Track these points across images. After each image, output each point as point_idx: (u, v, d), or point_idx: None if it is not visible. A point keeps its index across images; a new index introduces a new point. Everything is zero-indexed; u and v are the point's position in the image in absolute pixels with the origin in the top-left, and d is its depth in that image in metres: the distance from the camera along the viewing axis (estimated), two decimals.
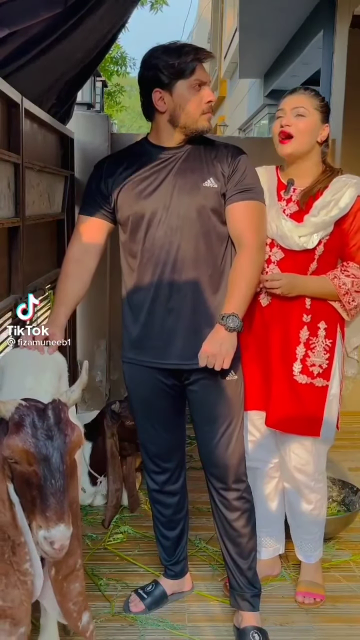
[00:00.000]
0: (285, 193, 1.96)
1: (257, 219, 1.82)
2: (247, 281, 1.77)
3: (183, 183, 1.77)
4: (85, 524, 2.56)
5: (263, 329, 1.98)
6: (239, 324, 1.74)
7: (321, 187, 1.93)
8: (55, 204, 3.02)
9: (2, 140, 2.13)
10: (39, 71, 2.26)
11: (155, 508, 2.07)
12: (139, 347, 1.87)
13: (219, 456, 1.87)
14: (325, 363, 1.96)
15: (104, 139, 3.53)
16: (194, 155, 1.80)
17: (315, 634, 1.98)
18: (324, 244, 1.93)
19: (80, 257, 1.87)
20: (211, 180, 1.77)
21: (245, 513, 1.92)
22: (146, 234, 1.80)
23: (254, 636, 1.88)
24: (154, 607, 2.05)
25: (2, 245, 2.20)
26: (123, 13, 2.56)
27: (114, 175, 1.84)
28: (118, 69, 12.81)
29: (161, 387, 1.88)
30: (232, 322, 1.72)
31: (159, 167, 1.80)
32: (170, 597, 2.10)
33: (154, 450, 1.99)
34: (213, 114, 1.87)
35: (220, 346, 1.72)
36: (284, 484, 2.15)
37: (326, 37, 4.39)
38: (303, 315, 1.94)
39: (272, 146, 1.98)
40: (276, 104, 2.02)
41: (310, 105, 1.92)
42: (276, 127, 1.94)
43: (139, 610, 2.03)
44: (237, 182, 1.78)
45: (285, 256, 1.94)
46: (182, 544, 2.09)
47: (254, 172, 1.86)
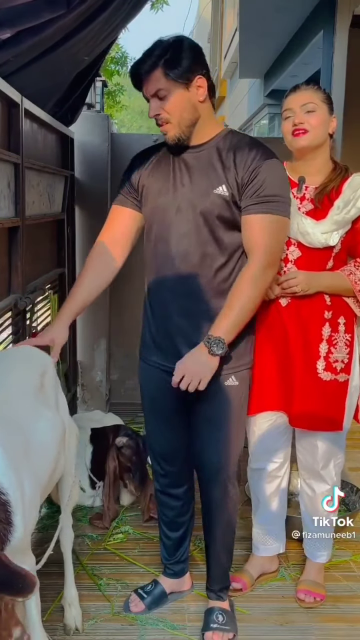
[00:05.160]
0: (298, 191, 1.96)
1: (272, 234, 1.72)
2: (242, 303, 1.71)
3: (196, 187, 1.74)
4: (85, 524, 2.56)
5: (282, 330, 1.97)
6: (223, 350, 1.69)
7: (334, 186, 1.94)
8: (55, 204, 3.02)
9: (2, 140, 2.12)
10: (40, 72, 2.26)
11: (160, 508, 2.09)
12: (149, 346, 1.90)
13: (206, 457, 1.89)
14: (346, 358, 1.98)
15: (104, 138, 3.53)
16: (215, 157, 1.73)
17: (315, 634, 1.98)
18: (341, 242, 1.94)
19: (106, 250, 1.88)
20: (223, 187, 1.71)
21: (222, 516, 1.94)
22: (157, 235, 1.81)
23: (217, 617, 1.94)
24: (154, 607, 2.05)
25: (2, 245, 2.20)
26: (126, 17, 2.56)
27: (142, 168, 1.84)
28: (118, 69, 12.81)
29: (167, 386, 1.86)
30: (216, 347, 1.68)
31: (179, 166, 1.77)
32: (169, 597, 2.10)
33: (158, 449, 2.00)
34: (183, 121, 1.72)
35: (200, 367, 1.69)
36: (300, 482, 2.16)
37: (326, 37, 4.38)
38: (324, 311, 1.95)
39: (272, 146, 1.96)
40: (276, 104, 2.03)
41: (318, 99, 1.92)
42: (288, 126, 1.93)
43: (139, 610, 2.04)
44: (255, 192, 1.69)
45: (303, 254, 1.94)
46: (184, 545, 2.10)
47: (278, 181, 1.72)
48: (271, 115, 10.71)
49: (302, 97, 1.92)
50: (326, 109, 1.93)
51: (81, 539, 2.42)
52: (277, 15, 5.53)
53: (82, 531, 2.49)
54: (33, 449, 1.47)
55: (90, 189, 3.53)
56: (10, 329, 2.27)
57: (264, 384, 1.99)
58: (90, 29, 2.22)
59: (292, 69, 6.89)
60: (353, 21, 3.95)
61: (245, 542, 2.33)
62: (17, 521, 1.28)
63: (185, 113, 1.71)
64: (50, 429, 1.59)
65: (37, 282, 2.61)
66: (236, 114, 13.93)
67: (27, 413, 1.54)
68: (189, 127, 1.73)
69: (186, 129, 1.72)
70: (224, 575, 2.01)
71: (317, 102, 1.91)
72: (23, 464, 1.39)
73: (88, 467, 2.70)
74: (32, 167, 2.42)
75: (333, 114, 1.97)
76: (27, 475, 1.38)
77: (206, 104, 1.75)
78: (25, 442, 1.45)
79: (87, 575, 2.22)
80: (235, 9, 8.30)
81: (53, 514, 2.53)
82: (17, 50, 1.94)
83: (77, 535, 2.21)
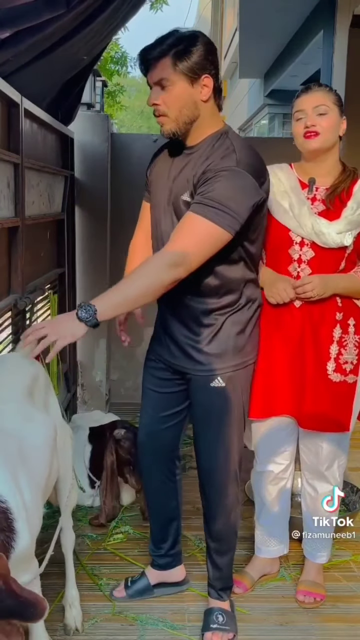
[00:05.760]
0: (309, 192, 1.96)
1: (196, 238, 1.61)
2: (129, 288, 1.62)
3: (175, 189, 1.76)
4: (85, 524, 2.56)
5: (295, 331, 1.97)
6: (89, 318, 1.54)
7: (345, 187, 1.94)
8: (55, 204, 3.03)
9: (2, 140, 2.12)
10: (39, 72, 2.26)
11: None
12: (152, 339, 1.98)
13: (200, 458, 1.93)
14: (355, 359, 1.98)
15: (104, 138, 3.53)
16: (195, 160, 1.72)
17: (315, 634, 1.98)
18: (353, 242, 1.94)
19: (146, 242, 1.90)
20: (187, 194, 1.71)
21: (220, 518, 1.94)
22: (152, 233, 1.86)
23: (217, 617, 1.95)
24: (137, 597, 2.10)
25: (2, 245, 2.20)
26: (125, 17, 2.56)
27: (152, 165, 1.89)
28: (118, 69, 12.82)
29: (159, 374, 1.95)
30: (83, 312, 1.55)
31: (174, 166, 1.78)
32: (157, 589, 2.12)
33: (142, 434, 2.05)
34: (181, 117, 1.69)
35: (62, 327, 1.57)
36: (303, 482, 2.17)
37: (326, 37, 4.39)
38: (336, 313, 1.95)
39: (272, 146, 1.98)
40: (276, 104, 2.03)
41: (330, 101, 1.92)
42: (299, 128, 1.92)
43: (120, 595, 2.10)
44: (200, 193, 1.63)
45: (316, 255, 1.94)
46: (168, 541, 2.11)
47: (231, 192, 1.61)
48: (271, 115, 10.72)
49: (314, 99, 1.91)
50: (337, 111, 1.93)
51: (81, 539, 2.42)
52: (277, 15, 5.54)
53: (82, 531, 2.49)
54: (27, 453, 1.44)
55: (90, 189, 3.53)
56: (10, 329, 2.27)
57: (274, 387, 1.99)
58: (90, 29, 2.22)
59: (292, 69, 6.90)
60: (353, 21, 3.95)
61: (245, 542, 2.33)
62: (20, 528, 1.26)
63: (185, 109, 1.68)
64: (40, 432, 1.56)
65: (37, 282, 2.61)
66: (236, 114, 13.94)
67: (16, 417, 1.51)
68: (186, 124, 1.70)
69: (183, 125, 1.70)
70: (225, 576, 2.01)
71: (329, 105, 1.90)
72: (19, 468, 1.37)
73: (87, 466, 2.69)
74: (32, 167, 2.41)
75: (344, 115, 1.97)
76: (25, 480, 1.36)
77: (209, 104, 1.72)
78: (18, 447, 1.43)
79: (87, 575, 2.22)
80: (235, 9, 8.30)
81: (53, 513, 2.52)
82: (17, 50, 1.94)
83: (77, 535, 2.21)
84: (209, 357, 1.80)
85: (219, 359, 1.80)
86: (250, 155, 1.68)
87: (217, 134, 1.73)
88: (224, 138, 1.71)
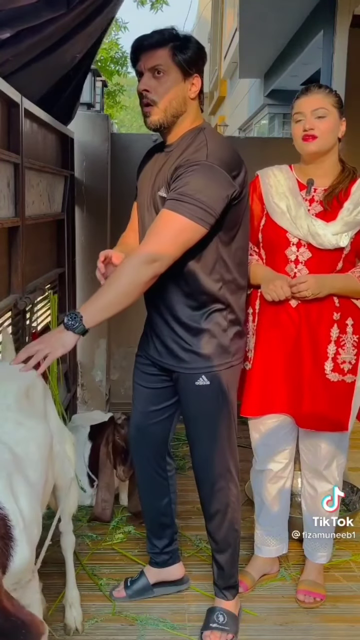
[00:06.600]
0: (307, 193, 1.96)
1: (171, 233, 1.63)
2: (111, 290, 1.63)
3: (154, 190, 1.79)
4: (85, 524, 2.56)
5: (291, 331, 1.98)
6: (77, 326, 1.58)
7: (343, 188, 1.94)
8: (55, 203, 3.03)
9: (2, 140, 2.13)
10: (39, 71, 2.26)
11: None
12: (141, 336, 1.99)
13: (192, 455, 1.95)
14: (353, 359, 1.98)
15: (104, 138, 3.53)
16: (173, 157, 1.74)
17: (315, 634, 1.98)
18: (350, 243, 1.94)
19: (134, 240, 1.94)
20: (163, 189, 1.74)
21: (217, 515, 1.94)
22: (139, 232, 1.90)
23: (218, 617, 1.95)
24: (136, 597, 2.10)
25: (2, 245, 2.20)
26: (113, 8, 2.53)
27: (141, 166, 1.92)
28: (118, 69, 12.83)
29: (147, 370, 1.97)
30: (69, 319, 1.58)
31: (157, 166, 1.81)
32: (157, 588, 2.12)
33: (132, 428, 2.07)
34: (170, 109, 1.72)
35: (53, 341, 1.59)
36: (303, 481, 2.17)
37: (326, 37, 4.39)
38: (333, 313, 1.96)
39: (272, 146, 1.98)
40: (276, 104, 2.03)
41: (329, 103, 1.92)
42: (298, 131, 1.93)
43: (120, 596, 2.10)
44: (173, 189, 1.65)
45: (313, 256, 1.95)
46: (163, 539, 2.11)
47: (201, 185, 1.62)
48: (271, 115, 10.72)
49: (313, 102, 1.91)
50: (337, 113, 1.93)
51: (81, 539, 2.42)
52: (277, 15, 5.54)
53: (82, 531, 2.49)
54: (20, 460, 1.41)
55: (90, 189, 3.53)
56: (10, 329, 2.27)
57: (270, 385, 2.00)
58: (89, 29, 2.22)
59: (292, 69, 6.90)
60: (353, 21, 3.96)
61: (245, 542, 2.33)
62: (18, 535, 1.22)
63: (174, 101, 1.72)
64: (34, 439, 1.52)
65: (37, 282, 2.61)
66: (236, 114, 13.94)
67: (7, 424, 1.47)
68: (173, 117, 1.74)
69: (171, 117, 1.74)
70: (226, 575, 2.00)
71: (328, 108, 1.91)
72: (14, 476, 1.33)
73: (86, 464, 2.69)
74: (32, 167, 2.42)
75: (343, 117, 1.96)
76: (21, 488, 1.33)
77: (194, 103, 1.77)
78: (11, 454, 1.39)
79: (87, 575, 2.22)
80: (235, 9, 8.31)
81: (52, 514, 2.52)
82: (17, 50, 1.94)
83: (77, 536, 2.21)
84: (192, 356, 1.81)
85: (202, 357, 1.81)
86: (222, 149, 1.70)
87: (195, 130, 1.76)
88: (199, 133, 1.74)
